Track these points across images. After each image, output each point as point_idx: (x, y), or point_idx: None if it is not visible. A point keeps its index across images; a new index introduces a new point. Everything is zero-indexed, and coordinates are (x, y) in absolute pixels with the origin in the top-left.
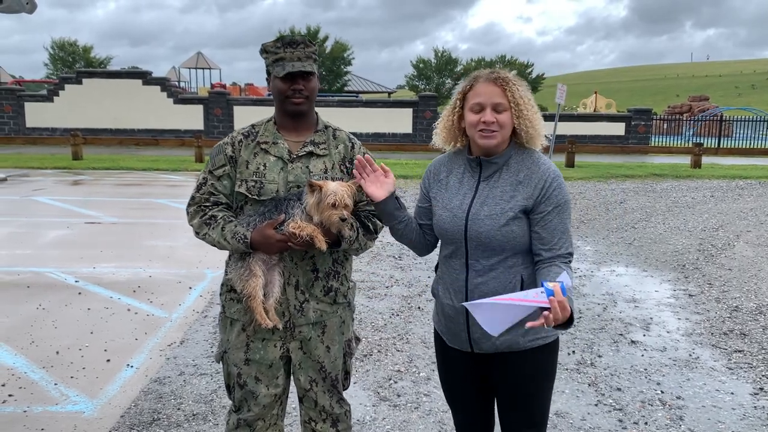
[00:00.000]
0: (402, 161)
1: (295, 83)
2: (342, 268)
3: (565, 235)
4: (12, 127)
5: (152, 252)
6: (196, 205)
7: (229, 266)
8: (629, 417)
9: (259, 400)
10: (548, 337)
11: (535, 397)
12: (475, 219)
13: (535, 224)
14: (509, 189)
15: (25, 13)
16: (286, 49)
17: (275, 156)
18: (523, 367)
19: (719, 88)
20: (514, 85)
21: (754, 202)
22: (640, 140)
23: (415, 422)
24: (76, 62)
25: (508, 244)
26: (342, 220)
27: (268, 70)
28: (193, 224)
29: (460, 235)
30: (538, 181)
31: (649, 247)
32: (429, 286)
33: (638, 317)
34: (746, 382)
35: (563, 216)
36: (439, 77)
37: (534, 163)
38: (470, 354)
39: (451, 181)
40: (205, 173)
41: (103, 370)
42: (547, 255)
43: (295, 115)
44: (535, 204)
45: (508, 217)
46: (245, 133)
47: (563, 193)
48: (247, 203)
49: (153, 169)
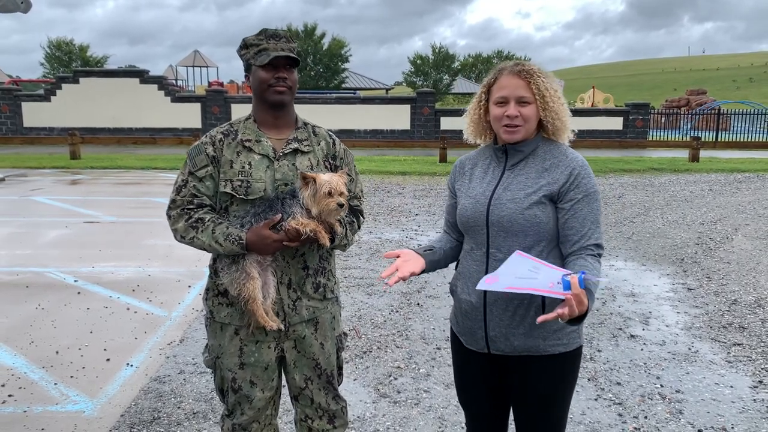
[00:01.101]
0: (400, 158)
1: (278, 71)
2: (328, 264)
3: (595, 225)
4: (9, 127)
5: (151, 251)
6: (178, 208)
7: (219, 270)
8: (629, 411)
9: (254, 404)
10: (570, 344)
11: (554, 405)
12: (498, 203)
13: (564, 214)
14: (534, 175)
15: (20, 12)
16: (269, 40)
17: (260, 154)
18: (543, 372)
19: (717, 81)
20: (539, 77)
21: (752, 195)
22: (638, 134)
23: (415, 418)
24: (72, 61)
25: (531, 230)
26: (340, 206)
27: (248, 64)
28: (178, 228)
29: (482, 222)
30: (565, 168)
31: (648, 242)
32: (428, 282)
33: (637, 311)
34: (745, 375)
35: (593, 206)
36: (436, 73)
37: (561, 152)
38: (487, 355)
39: (476, 172)
40: (185, 175)
41: (103, 370)
42: (576, 247)
43: (277, 106)
44: (563, 191)
45: (531, 201)
46: (224, 132)
47: (592, 182)
48: (233, 203)
49: (151, 167)
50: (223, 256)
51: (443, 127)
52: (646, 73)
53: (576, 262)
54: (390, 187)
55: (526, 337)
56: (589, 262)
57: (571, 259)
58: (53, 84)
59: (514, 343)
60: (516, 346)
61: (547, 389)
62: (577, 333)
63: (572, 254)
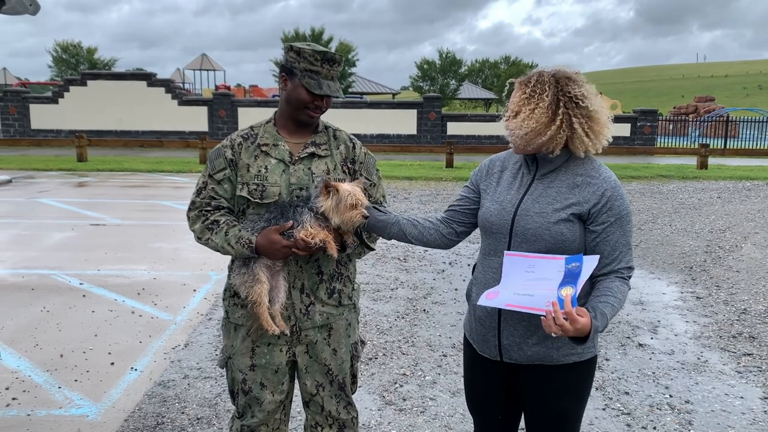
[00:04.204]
0: (407, 162)
1: (319, 99)
2: (345, 269)
3: (627, 248)
4: (17, 129)
5: (157, 254)
6: (197, 209)
7: (232, 271)
8: (637, 421)
9: (264, 407)
10: (584, 354)
11: (566, 416)
12: (524, 215)
13: (595, 237)
14: (565, 190)
15: (29, 14)
16: (324, 65)
17: (276, 158)
18: (555, 382)
19: (725, 88)
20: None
21: (761, 203)
22: (646, 141)
23: (420, 426)
24: (80, 64)
25: (555, 246)
26: (365, 218)
27: (291, 70)
28: (195, 229)
29: (505, 230)
30: (597, 188)
31: (656, 249)
32: (434, 288)
33: (646, 320)
34: (756, 386)
35: (625, 228)
36: (443, 78)
37: (594, 169)
38: (499, 363)
39: (504, 176)
40: (205, 177)
41: (108, 374)
42: (606, 270)
43: (305, 124)
44: (593, 213)
45: (559, 217)
46: (244, 136)
47: (625, 204)
48: (249, 207)
49: (157, 170)
50: (236, 258)
51: (450, 132)
52: (654, 80)
53: (602, 284)
54: (396, 192)
55: (539, 347)
56: (615, 285)
57: (598, 279)
58: (61, 86)
59: (528, 352)
60: (529, 356)
61: (561, 399)
62: (592, 342)
63: (601, 276)
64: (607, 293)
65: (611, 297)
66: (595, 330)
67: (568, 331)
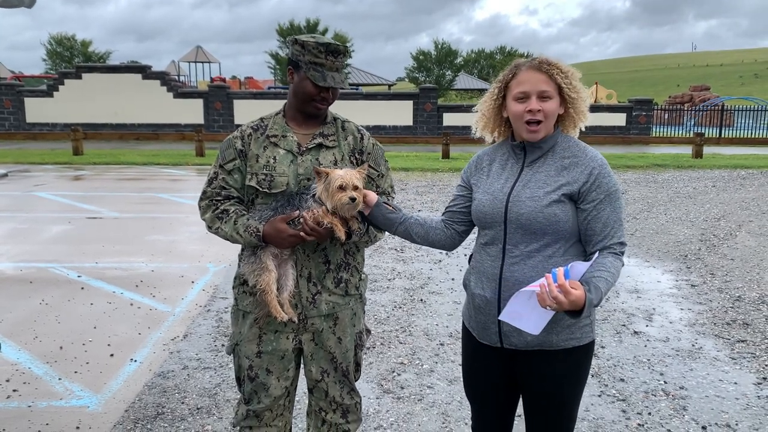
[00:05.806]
0: (403, 153)
1: (325, 91)
2: (353, 259)
3: (618, 224)
4: (12, 122)
5: (154, 246)
6: (207, 199)
7: (242, 260)
8: (633, 407)
9: (270, 392)
10: (583, 338)
11: (564, 400)
12: (516, 201)
13: (586, 215)
14: (553, 173)
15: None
16: (328, 56)
17: (284, 149)
18: (554, 367)
19: (721, 77)
20: (559, 69)
21: (756, 191)
22: (641, 131)
23: (418, 414)
24: (74, 57)
25: (550, 228)
26: (352, 200)
27: (297, 63)
28: (206, 218)
29: (499, 218)
30: (585, 167)
31: (651, 238)
32: (431, 278)
33: (641, 308)
34: (749, 372)
35: (615, 204)
36: (439, 69)
37: (580, 150)
38: (499, 350)
39: (493, 168)
40: (216, 167)
41: (107, 365)
42: (599, 246)
43: (313, 116)
44: (583, 191)
45: (551, 199)
46: (254, 127)
47: (613, 181)
48: (258, 197)
49: (154, 163)
50: (245, 246)
51: (446, 123)
52: (650, 69)
53: (595, 260)
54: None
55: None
56: (609, 260)
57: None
58: (56, 80)
59: (528, 337)
60: (529, 341)
61: (560, 383)
62: (590, 327)
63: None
64: (600, 268)
65: (605, 272)
66: (590, 303)
67: (563, 303)
